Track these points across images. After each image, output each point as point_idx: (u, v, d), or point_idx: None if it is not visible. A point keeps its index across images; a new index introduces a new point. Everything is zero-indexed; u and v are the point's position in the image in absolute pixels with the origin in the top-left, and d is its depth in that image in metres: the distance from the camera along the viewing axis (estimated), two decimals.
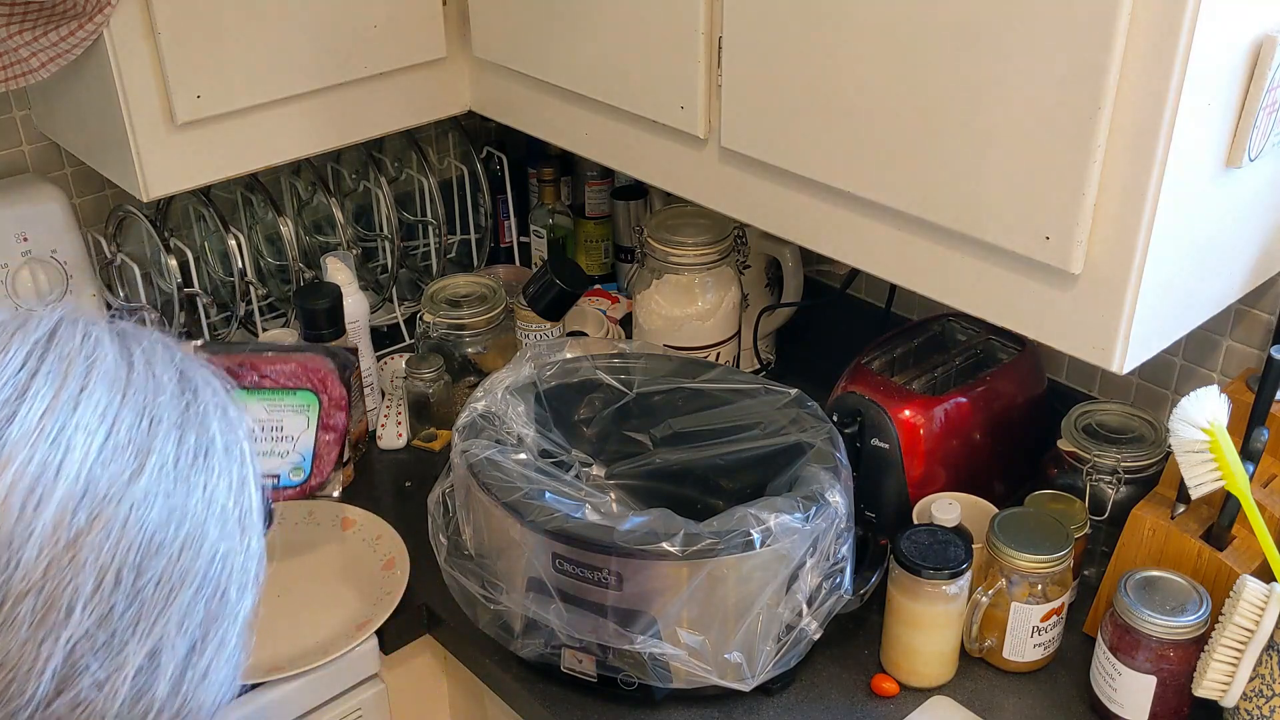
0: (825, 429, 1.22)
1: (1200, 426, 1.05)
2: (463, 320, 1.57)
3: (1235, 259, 1.04)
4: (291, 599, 1.31)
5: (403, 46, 1.43)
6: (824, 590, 1.14)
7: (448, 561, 1.23)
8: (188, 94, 1.28)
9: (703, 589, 1.09)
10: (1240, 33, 0.88)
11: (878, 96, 1.01)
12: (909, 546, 1.16)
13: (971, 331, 1.41)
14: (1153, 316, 0.95)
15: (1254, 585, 1.04)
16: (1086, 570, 1.28)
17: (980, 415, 1.31)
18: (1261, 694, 1.04)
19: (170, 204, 1.62)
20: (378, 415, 1.60)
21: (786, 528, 1.09)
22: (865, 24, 1.00)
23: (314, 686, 1.24)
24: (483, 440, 1.20)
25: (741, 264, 1.56)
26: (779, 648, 1.14)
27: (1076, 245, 0.92)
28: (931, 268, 1.05)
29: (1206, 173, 0.93)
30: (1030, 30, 0.89)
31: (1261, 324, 1.25)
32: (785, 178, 1.13)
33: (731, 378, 1.32)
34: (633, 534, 1.09)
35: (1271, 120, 0.94)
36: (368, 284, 1.72)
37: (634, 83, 1.22)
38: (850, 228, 1.10)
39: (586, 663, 1.15)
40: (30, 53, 1.26)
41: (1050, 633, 1.18)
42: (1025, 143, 0.92)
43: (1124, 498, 1.23)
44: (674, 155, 1.23)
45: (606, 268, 1.87)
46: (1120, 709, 1.13)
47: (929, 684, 1.20)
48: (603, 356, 1.34)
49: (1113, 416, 1.30)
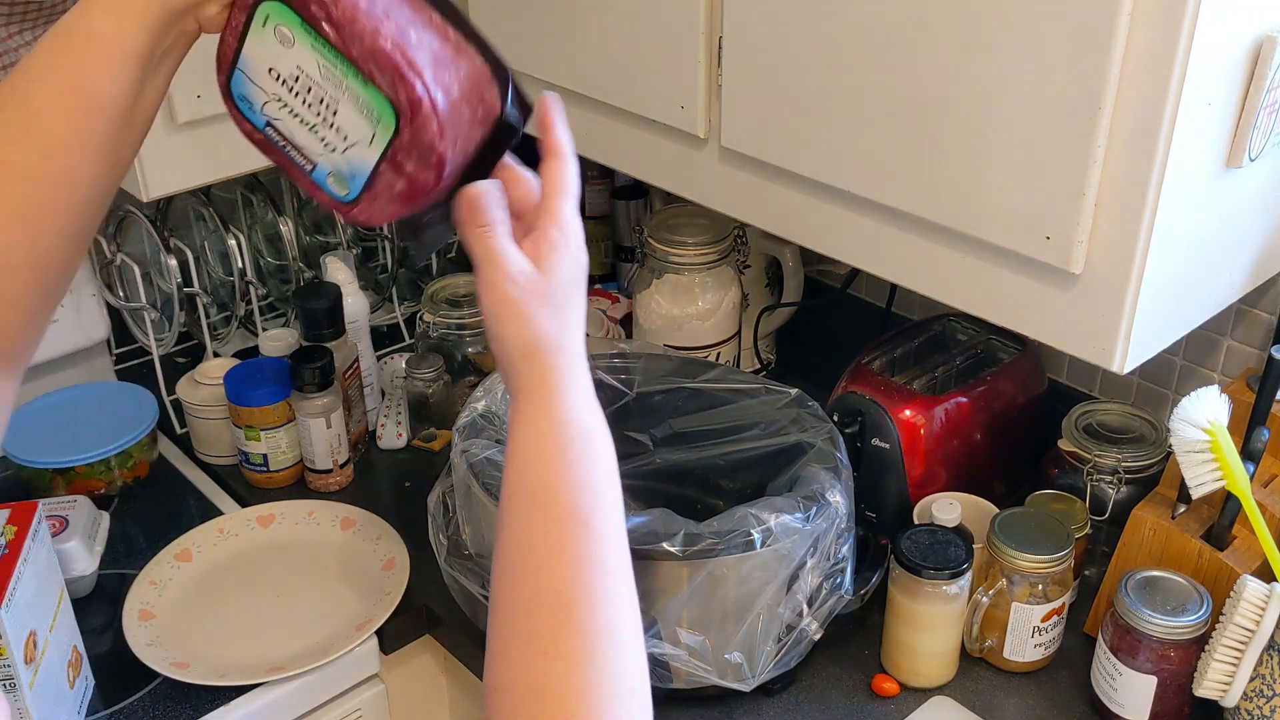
0: (825, 429, 1.22)
1: (1201, 426, 1.05)
2: (463, 320, 1.57)
3: (1235, 259, 1.04)
4: (291, 599, 1.31)
5: None
6: (824, 590, 1.14)
7: (448, 561, 1.23)
8: (188, 94, 1.28)
9: (703, 589, 1.09)
10: (1240, 33, 0.88)
11: (878, 96, 1.01)
12: (909, 546, 1.16)
13: (972, 331, 1.41)
14: (1153, 316, 0.95)
15: (1254, 585, 1.04)
16: (1087, 570, 1.28)
17: (981, 415, 1.31)
18: (1262, 694, 1.04)
19: (170, 204, 1.62)
20: (377, 415, 1.60)
21: (787, 528, 1.09)
22: (865, 24, 1.00)
23: (314, 686, 1.24)
24: (483, 440, 1.20)
25: (741, 264, 1.56)
26: (779, 648, 1.14)
27: (1077, 245, 0.92)
28: (931, 268, 1.05)
29: (1206, 173, 0.93)
30: (1030, 30, 0.89)
31: (1262, 324, 1.25)
32: (785, 178, 1.13)
33: (731, 378, 1.32)
34: (633, 534, 1.08)
35: (1272, 120, 0.94)
36: (368, 284, 1.72)
37: (634, 83, 1.22)
38: (850, 228, 1.10)
39: None
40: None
41: (1051, 633, 1.18)
42: (1025, 142, 0.92)
43: (1124, 498, 1.23)
44: (674, 155, 1.23)
45: (606, 268, 1.87)
46: (1121, 709, 1.13)
47: (929, 684, 1.20)
48: (603, 356, 1.34)
49: (1113, 416, 1.30)
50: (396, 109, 0.71)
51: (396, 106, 0.71)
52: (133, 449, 1.45)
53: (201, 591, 1.32)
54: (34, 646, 1.06)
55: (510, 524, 0.71)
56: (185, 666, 1.20)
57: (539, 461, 0.72)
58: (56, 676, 1.11)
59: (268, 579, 1.34)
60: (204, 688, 1.19)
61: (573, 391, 0.74)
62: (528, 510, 0.71)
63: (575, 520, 0.70)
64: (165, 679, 1.20)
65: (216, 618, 1.29)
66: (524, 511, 0.71)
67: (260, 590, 1.33)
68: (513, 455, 0.73)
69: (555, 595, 0.68)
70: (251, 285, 1.60)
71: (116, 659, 1.23)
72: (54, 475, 1.42)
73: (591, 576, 0.69)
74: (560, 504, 0.71)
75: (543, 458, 0.72)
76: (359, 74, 0.71)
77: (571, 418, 0.74)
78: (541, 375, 0.74)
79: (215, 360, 1.56)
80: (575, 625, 0.67)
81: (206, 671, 1.20)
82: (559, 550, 0.70)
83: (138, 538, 1.41)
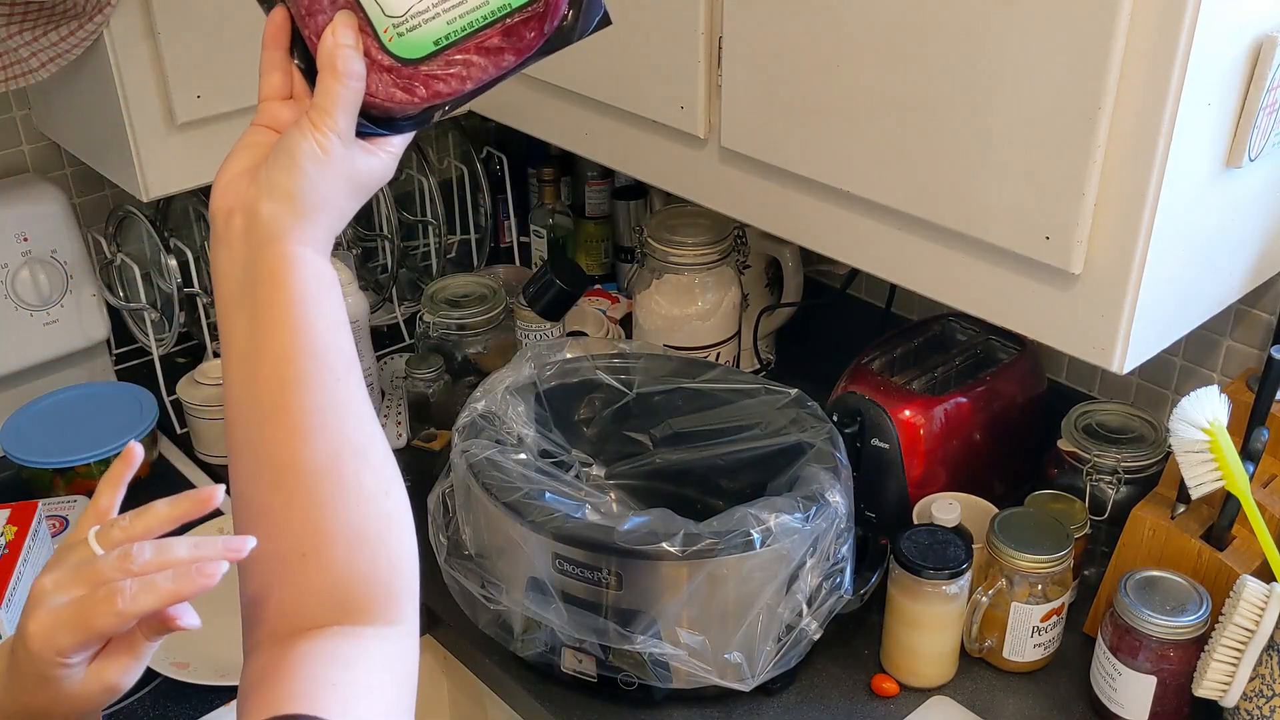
0: (825, 429, 1.22)
1: (1200, 426, 1.05)
2: (463, 320, 1.57)
3: (1235, 259, 1.04)
4: None
5: None
6: (824, 590, 1.14)
7: (448, 561, 1.23)
8: (188, 94, 1.28)
9: (703, 589, 1.09)
10: (1240, 33, 0.88)
11: (878, 96, 1.01)
12: (909, 546, 1.16)
13: (971, 331, 1.41)
14: (1153, 316, 0.95)
15: (1254, 585, 1.04)
16: (1086, 570, 1.28)
17: (980, 415, 1.31)
18: (1261, 694, 1.04)
19: (170, 204, 1.62)
20: (377, 415, 1.60)
21: (786, 528, 1.09)
22: (865, 24, 1.00)
23: None
24: (483, 440, 1.20)
25: (741, 264, 1.56)
26: (779, 648, 1.14)
27: (1076, 245, 0.92)
28: (931, 268, 1.05)
29: (1206, 173, 0.93)
30: (1030, 30, 0.89)
31: (1261, 324, 1.25)
32: (785, 178, 1.13)
33: (731, 378, 1.32)
34: (633, 534, 1.09)
35: (1271, 120, 0.94)
36: (368, 284, 1.73)
37: (634, 83, 1.22)
38: (850, 228, 1.10)
39: (586, 663, 1.15)
40: (30, 53, 1.26)
41: (1050, 633, 1.18)
42: (1025, 143, 0.92)
43: (1124, 498, 1.23)
44: (674, 155, 1.23)
45: (606, 268, 1.87)
46: (1120, 709, 1.13)
47: (929, 684, 1.20)
48: (603, 356, 1.34)
49: (1113, 416, 1.30)
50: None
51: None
52: None
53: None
54: None
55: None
56: (185, 666, 1.20)
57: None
58: None
59: None
60: (204, 688, 1.19)
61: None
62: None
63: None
64: (165, 679, 1.20)
65: (216, 618, 1.29)
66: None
67: None
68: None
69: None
70: None
71: None
72: (54, 475, 1.42)
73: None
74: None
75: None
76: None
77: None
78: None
79: (215, 360, 1.56)
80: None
81: (206, 671, 1.20)
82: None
83: None
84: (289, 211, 0.72)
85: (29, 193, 1.49)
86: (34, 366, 1.54)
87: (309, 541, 0.71)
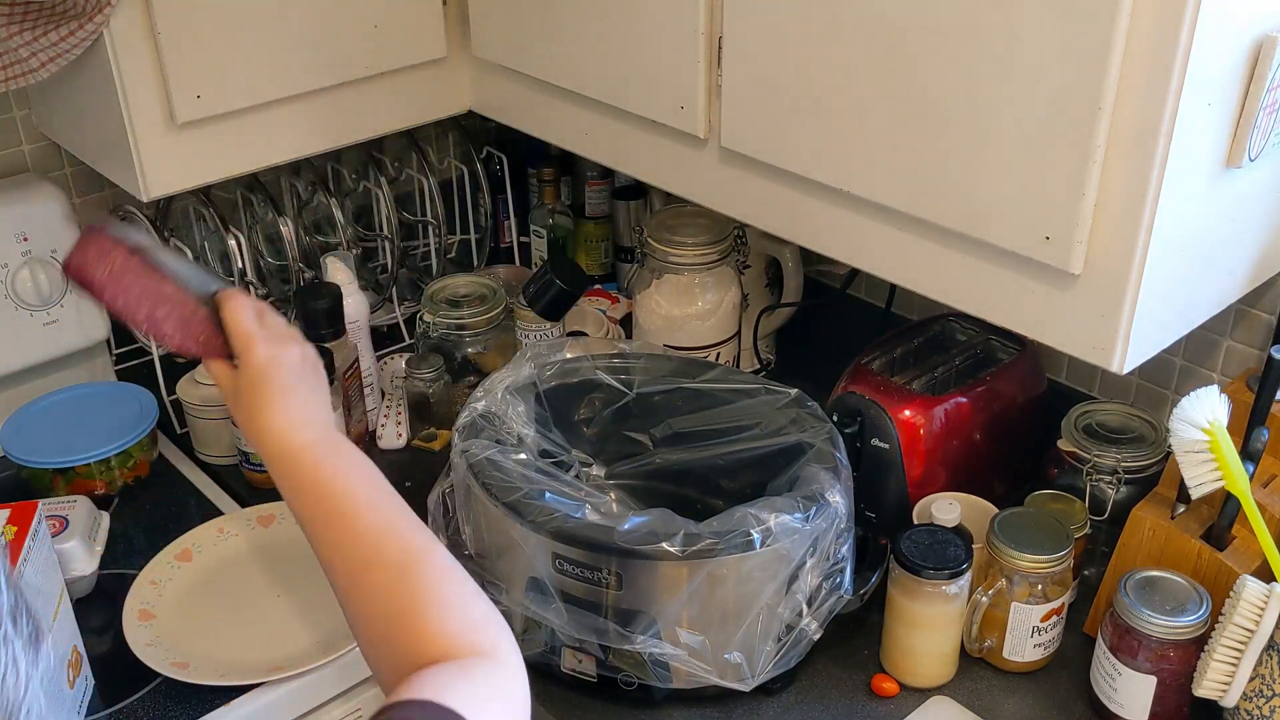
0: (825, 429, 1.22)
1: (1200, 426, 1.05)
2: (463, 320, 1.57)
3: (1235, 259, 1.04)
4: (291, 599, 1.31)
5: (403, 46, 1.43)
6: (824, 590, 1.14)
7: None
8: (188, 94, 1.28)
9: (703, 589, 1.09)
10: (1240, 33, 0.88)
11: (877, 96, 1.01)
12: (909, 546, 1.16)
13: (971, 331, 1.41)
14: (1153, 316, 0.95)
15: (1254, 585, 1.04)
16: (1086, 570, 1.28)
17: (980, 415, 1.31)
18: (1261, 694, 1.04)
19: (170, 204, 1.62)
20: (377, 415, 1.60)
21: (786, 528, 1.09)
22: (865, 24, 1.00)
23: (314, 686, 1.24)
24: (483, 440, 1.20)
25: (741, 264, 1.56)
26: (779, 648, 1.14)
27: (1076, 245, 0.92)
28: (931, 268, 1.05)
29: (1207, 173, 0.93)
30: (1030, 30, 0.89)
31: (1261, 324, 1.25)
32: (785, 178, 1.13)
33: (731, 378, 1.32)
34: (633, 534, 1.09)
35: (1271, 120, 0.94)
36: (368, 284, 1.72)
37: (634, 83, 1.22)
38: (850, 228, 1.10)
39: (586, 663, 1.15)
40: (30, 53, 1.26)
41: (1050, 633, 1.18)
42: (1025, 143, 0.92)
43: (1124, 498, 1.23)
44: (674, 155, 1.23)
45: (606, 268, 1.87)
46: (1120, 709, 1.13)
47: (929, 684, 1.20)
48: (603, 356, 1.34)
49: (1113, 416, 1.30)
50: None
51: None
52: (133, 449, 1.45)
53: (201, 591, 1.32)
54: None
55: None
56: (185, 666, 1.20)
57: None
58: (57, 676, 1.11)
59: (268, 579, 1.34)
60: (204, 688, 1.19)
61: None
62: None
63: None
64: (165, 679, 1.20)
65: (216, 618, 1.29)
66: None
67: (260, 590, 1.32)
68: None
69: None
70: (251, 285, 1.60)
71: (116, 659, 1.22)
72: (54, 475, 1.42)
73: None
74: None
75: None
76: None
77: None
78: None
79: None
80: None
81: (206, 671, 1.20)
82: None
83: (138, 538, 1.41)
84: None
85: (29, 193, 1.49)
86: (34, 366, 1.54)
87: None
